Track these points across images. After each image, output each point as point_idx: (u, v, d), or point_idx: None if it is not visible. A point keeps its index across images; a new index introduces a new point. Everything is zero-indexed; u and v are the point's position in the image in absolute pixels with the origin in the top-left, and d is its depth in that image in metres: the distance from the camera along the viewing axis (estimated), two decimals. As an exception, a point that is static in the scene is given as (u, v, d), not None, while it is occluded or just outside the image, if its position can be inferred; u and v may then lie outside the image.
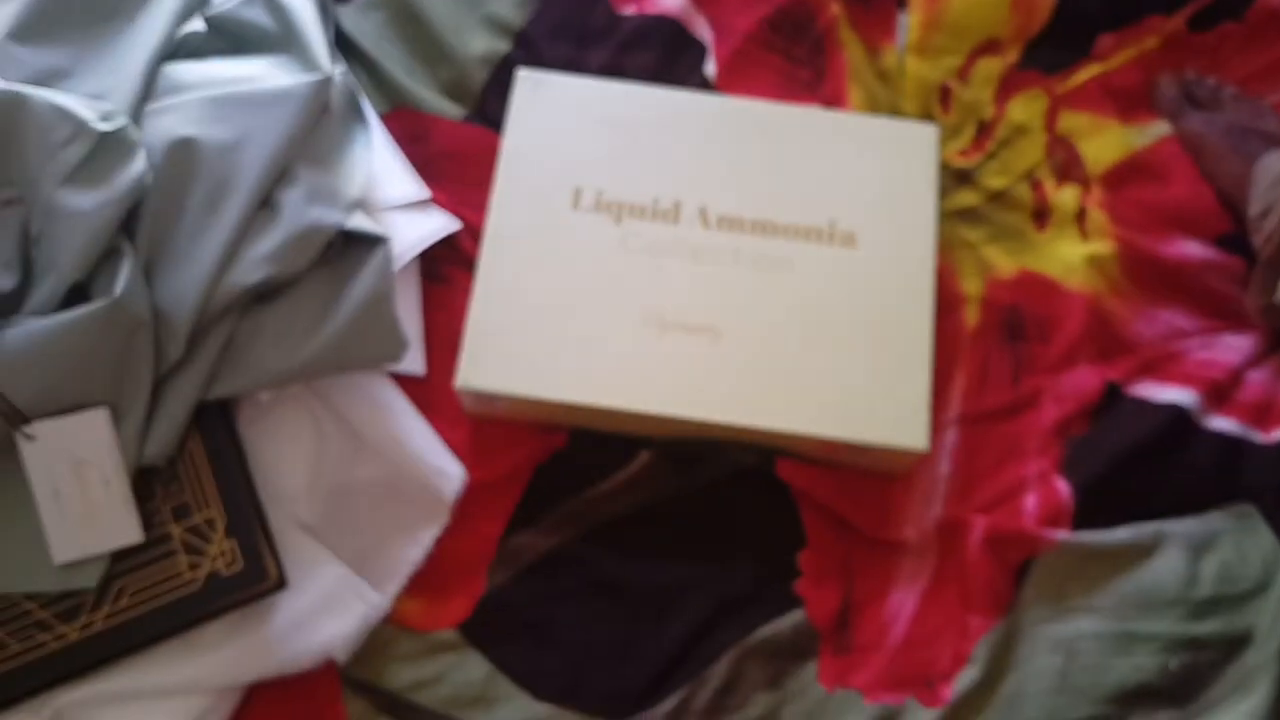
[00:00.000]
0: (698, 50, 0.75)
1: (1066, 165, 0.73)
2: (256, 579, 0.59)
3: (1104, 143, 0.73)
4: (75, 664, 0.58)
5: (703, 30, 0.76)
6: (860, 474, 0.65)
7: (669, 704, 0.60)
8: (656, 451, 0.65)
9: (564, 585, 0.63)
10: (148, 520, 0.59)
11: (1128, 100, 0.75)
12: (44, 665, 0.58)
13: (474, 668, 0.61)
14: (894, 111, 0.74)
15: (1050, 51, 0.76)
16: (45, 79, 0.64)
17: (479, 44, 0.75)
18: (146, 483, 0.60)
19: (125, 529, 0.59)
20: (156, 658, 0.59)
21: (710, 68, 0.75)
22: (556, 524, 0.64)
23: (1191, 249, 0.70)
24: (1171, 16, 0.76)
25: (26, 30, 0.66)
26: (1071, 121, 0.74)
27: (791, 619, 0.62)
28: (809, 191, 0.67)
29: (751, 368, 0.62)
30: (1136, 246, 0.70)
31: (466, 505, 0.64)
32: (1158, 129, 0.74)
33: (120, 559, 0.59)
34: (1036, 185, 0.72)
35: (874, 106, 0.74)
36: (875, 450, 0.61)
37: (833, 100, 0.74)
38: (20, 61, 0.64)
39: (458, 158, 0.72)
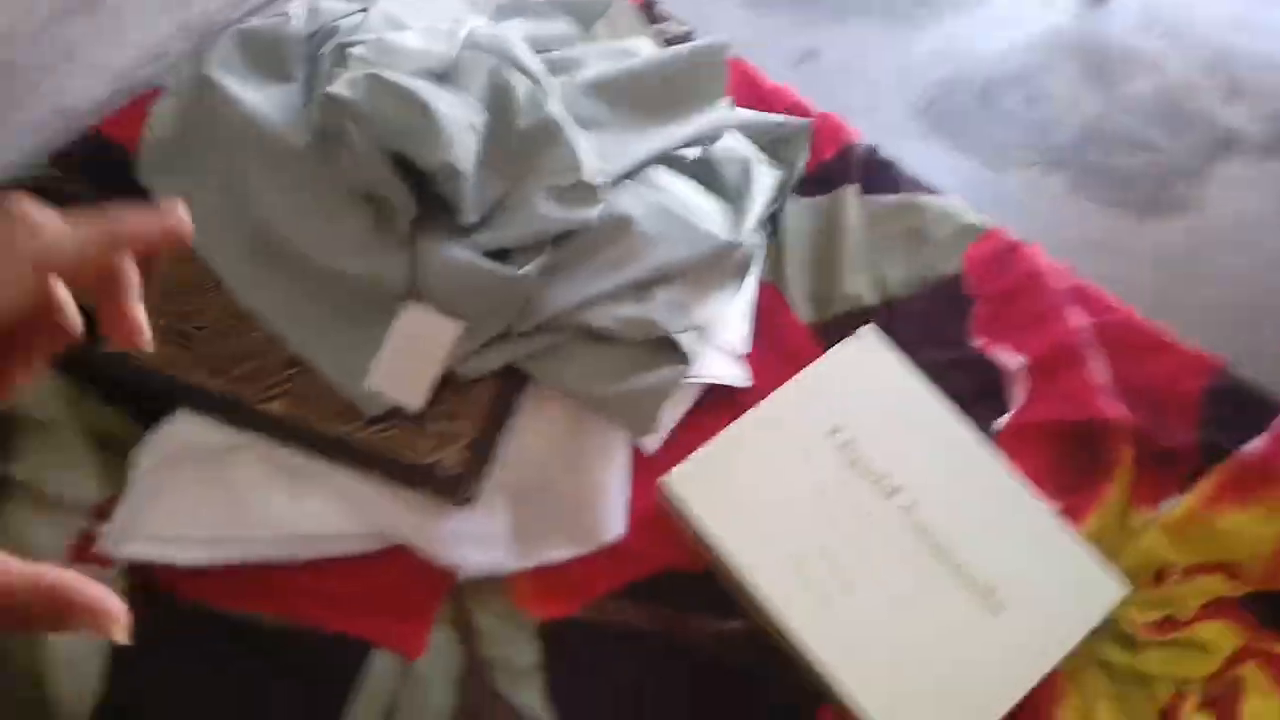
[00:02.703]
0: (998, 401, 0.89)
1: (1218, 704, 0.77)
2: (462, 489, 0.78)
3: (1267, 711, 0.77)
4: (317, 442, 0.81)
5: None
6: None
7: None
8: (753, 628, 0.78)
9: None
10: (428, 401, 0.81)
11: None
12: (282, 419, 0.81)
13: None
14: (1112, 557, 0.82)
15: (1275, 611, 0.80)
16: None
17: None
18: (447, 380, 0.81)
19: (415, 395, 0.80)
20: (361, 484, 0.80)
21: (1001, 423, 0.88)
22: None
23: None
24: None
25: None
26: (1256, 680, 0.78)
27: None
28: (990, 555, 0.78)
29: (870, 634, 0.75)
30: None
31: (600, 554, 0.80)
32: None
33: (393, 413, 0.81)
34: (1179, 696, 0.77)
35: (1100, 539, 0.82)
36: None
37: (1078, 508, 0.83)
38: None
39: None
